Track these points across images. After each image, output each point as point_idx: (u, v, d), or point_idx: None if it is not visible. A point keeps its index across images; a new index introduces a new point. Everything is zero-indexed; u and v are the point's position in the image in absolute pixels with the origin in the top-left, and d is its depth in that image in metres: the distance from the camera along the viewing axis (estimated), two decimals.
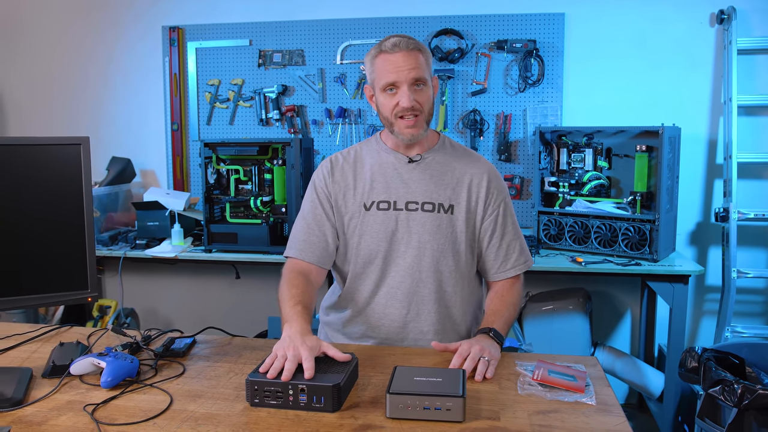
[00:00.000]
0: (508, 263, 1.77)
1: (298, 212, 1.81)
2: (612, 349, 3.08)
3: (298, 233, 1.76)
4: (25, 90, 3.84)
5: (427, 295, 1.72)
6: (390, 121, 1.68)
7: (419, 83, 1.64)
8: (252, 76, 3.56)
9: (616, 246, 2.84)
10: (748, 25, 3.11)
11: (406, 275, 1.71)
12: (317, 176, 1.80)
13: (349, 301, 1.79)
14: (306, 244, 1.73)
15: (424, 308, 1.73)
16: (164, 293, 3.82)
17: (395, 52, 1.62)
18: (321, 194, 1.77)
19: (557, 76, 3.29)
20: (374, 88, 1.70)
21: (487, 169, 1.77)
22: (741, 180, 3.08)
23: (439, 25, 3.34)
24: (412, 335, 1.74)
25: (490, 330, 1.57)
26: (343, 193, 1.76)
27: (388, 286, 1.73)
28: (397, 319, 1.73)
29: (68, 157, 1.40)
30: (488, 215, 1.75)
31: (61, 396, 1.34)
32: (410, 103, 1.62)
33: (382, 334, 1.74)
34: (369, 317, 1.75)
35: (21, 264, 1.41)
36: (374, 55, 1.66)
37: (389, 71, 1.62)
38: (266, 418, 1.22)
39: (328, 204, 1.76)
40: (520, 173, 3.36)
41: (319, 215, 1.75)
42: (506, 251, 1.76)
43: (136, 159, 3.65)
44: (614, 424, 1.20)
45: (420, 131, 1.68)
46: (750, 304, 3.28)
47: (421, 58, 1.64)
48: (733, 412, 1.89)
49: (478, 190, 1.74)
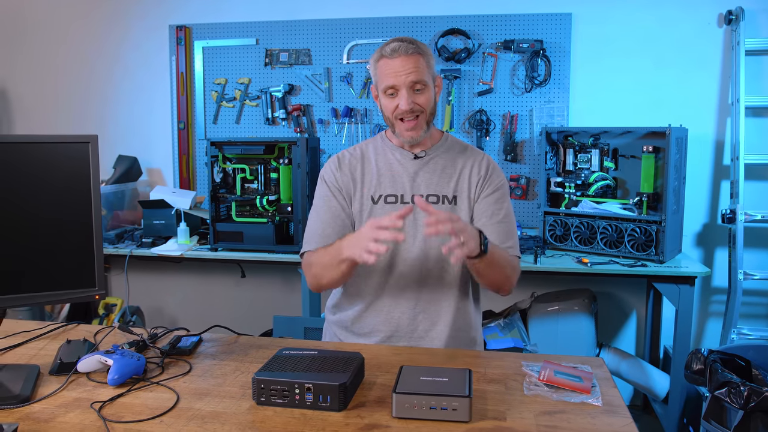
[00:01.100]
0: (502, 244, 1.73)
1: (309, 211, 1.83)
2: (617, 351, 3.07)
3: (314, 229, 1.77)
4: (30, 88, 3.85)
5: (435, 286, 1.75)
6: (391, 122, 1.75)
7: (418, 86, 1.68)
8: (258, 75, 3.56)
9: (622, 247, 2.84)
10: (756, 26, 3.10)
11: (414, 267, 1.74)
12: (326, 172, 1.82)
13: (357, 297, 1.80)
14: (322, 238, 1.74)
15: (434, 298, 1.75)
16: (170, 292, 3.83)
17: (394, 57, 1.67)
18: (333, 188, 1.79)
19: (564, 77, 3.29)
20: (378, 90, 1.75)
21: (486, 158, 1.83)
22: (748, 181, 3.07)
23: (446, 25, 3.34)
24: (422, 326, 1.75)
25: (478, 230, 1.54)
26: (351, 187, 1.79)
27: (396, 278, 1.75)
28: (407, 310, 1.75)
29: (77, 155, 1.40)
30: (483, 196, 1.77)
31: (68, 393, 1.34)
32: (409, 106, 1.67)
33: (393, 327, 1.75)
34: (379, 311, 1.77)
35: (29, 262, 1.41)
36: (376, 59, 1.72)
37: (388, 75, 1.68)
38: (272, 416, 1.23)
39: (341, 196, 1.79)
40: (527, 173, 3.36)
41: (334, 207, 1.77)
42: (497, 234, 1.72)
43: (143, 157, 3.66)
44: (621, 426, 1.20)
45: (420, 132, 1.73)
46: (756, 306, 3.27)
47: (421, 61, 1.68)
48: (739, 414, 1.89)
49: (478, 175, 1.79)
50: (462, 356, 1.59)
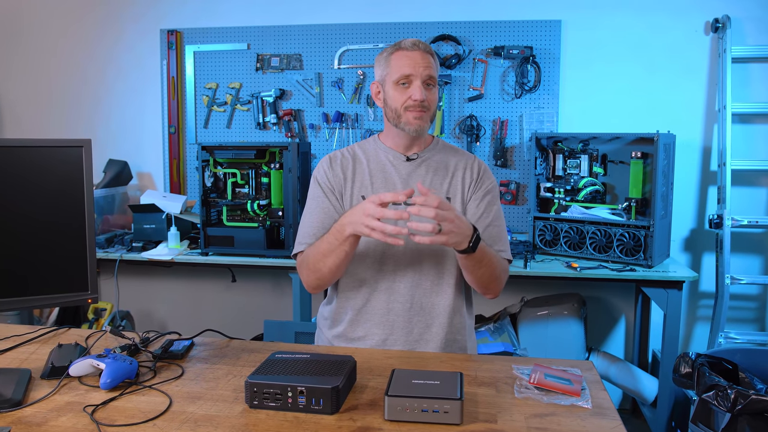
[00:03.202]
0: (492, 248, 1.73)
1: (302, 212, 1.83)
2: (606, 355, 3.09)
3: (307, 229, 1.77)
4: (22, 91, 3.84)
5: (429, 287, 1.75)
6: (398, 113, 1.73)
7: (430, 82, 1.72)
8: (250, 79, 3.57)
9: (611, 252, 2.86)
10: (742, 34, 3.14)
11: (407, 269, 1.74)
12: (318, 172, 1.82)
13: (349, 301, 1.79)
14: (315, 239, 1.73)
15: (427, 300, 1.75)
16: (160, 296, 3.81)
17: (414, 50, 1.71)
18: (325, 188, 1.79)
19: (553, 83, 3.31)
20: (383, 84, 1.76)
21: (478, 161, 1.86)
22: (735, 187, 3.11)
23: (437, 31, 3.36)
24: (417, 329, 1.75)
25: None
26: (343, 186, 1.80)
27: (389, 281, 1.75)
28: (401, 313, 1.74)
29: (70, 159, 1.40)
30: (474, 198, 1.79)
31: (60, 397, 1.34)
32: (422, 96, 1.69)
33: (387, 330, 1.75)
34: (372, 314, 1.76)
35: (21, 265, 1.41)
36: (391, 52, 1.75)
37: (406, 65, 1.70)
38: (265, 419, 1.23)
39: (333, 196, 1.79)
40: (516, 179, 3.38)
41: (326, 208, 1.77)
42: (487, 237, 1.73)
43: (133, 161, 3.66)
44: (610, 428, 1.21)
45: (425, 125, 1.74)
46: (743, 311, 3.30)
47: (433, 62, 1.74)
48: (726, 417, 1.91)
49: (470, 176, 1.81)
50: (453, 360, 1.60)
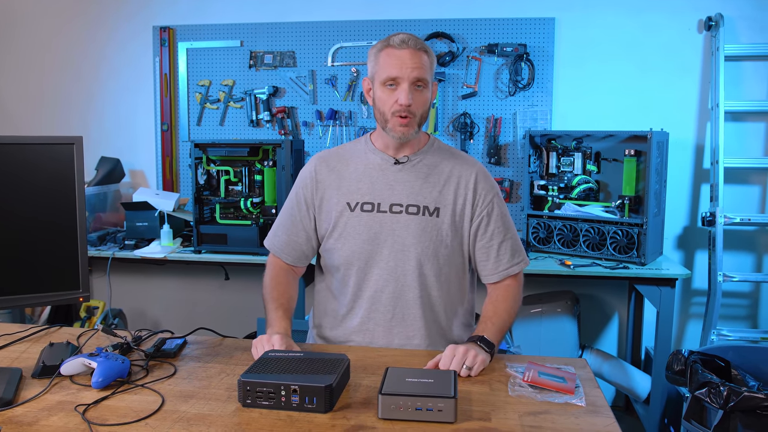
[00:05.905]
0: (500, 265, 1.74)
1: (286, 200, 1.85)
2: (599, 352, 3.10)
3: (277, 227, 1.83)
4: (14, 88, 3.81)
5: (411, 300, 1.70)
6: (385, 117, 1.65)
7: (420, 84, 1.62)
8: (243, 77, 3.55)
9: (604, 249, 2.87)
10: (735, 32, 3.15)
11: (390, 279, 1.70)
12: (301, 178, 1.80)
13: (332, 306, 1.79)
14: (285, 245, 1.80)
15: (410, 313, 1.71)
16: (153, 294, 3.80)
17: (402, 48, 1.60)
18: (301, 199, 1.78)
19: (547, 81, 3.32)
20: (373, 82, 1.67)
21: (475, 169, 1.76)
22: (727, 185, 3.12)
23: (431, 29, 3.35)
24: (397, 340, 1.72)
25: (478, 338, 1.55)
26: (328, 192, 1.75)
27: (371, 290, 1.71)
28: (382, 323, 1.72)
29: (61, 156, 1.39)
30: (476, 216, 1.73)
31: (51, 396, 1.33)
32: (408, 101, 1.60)
33: (367, 339, 1.73)
34: (353, 322, 1.74)
35: (12, 264, 1.40)
36: (380, 48, 1.64)
37: (393, 66, 1.60)
38: (258, 418, 1.22)
39: (305, 208, 1.77)
40: (510, 176, 3.38)
41: (294, 217, 1.79)
42: (497, 252, 1.73)
43: (126, 159, 3.64)
44: (604, 425, 1.21)
45: (411, 132, 1.65)
46: (736, 308, 3.32)
47: (426, 59, 1.63)
48: (719, 414, 1.91)
49: (465, 191, 1.72)
50: None
